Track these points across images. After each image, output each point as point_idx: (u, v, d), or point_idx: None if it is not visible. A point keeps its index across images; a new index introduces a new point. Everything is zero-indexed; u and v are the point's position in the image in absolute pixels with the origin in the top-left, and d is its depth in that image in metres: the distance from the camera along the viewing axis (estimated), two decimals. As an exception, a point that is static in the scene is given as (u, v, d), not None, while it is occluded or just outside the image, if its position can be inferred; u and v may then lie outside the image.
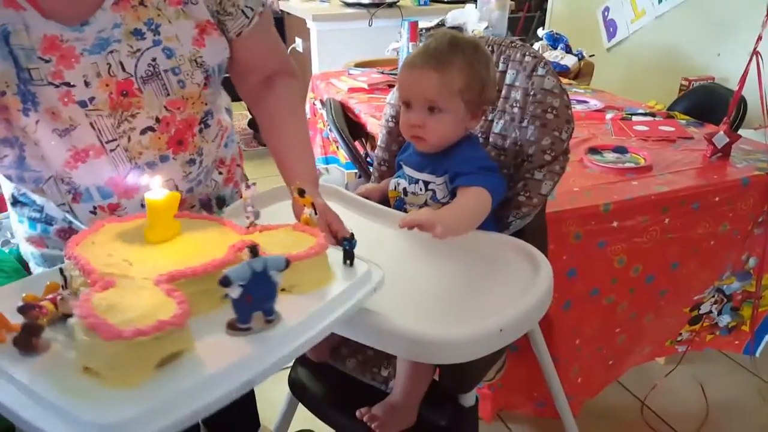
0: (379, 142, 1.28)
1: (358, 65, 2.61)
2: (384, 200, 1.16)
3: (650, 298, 1.52)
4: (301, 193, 0.83)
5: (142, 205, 0.85)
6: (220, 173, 1.10)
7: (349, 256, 0.76)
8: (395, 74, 2.43)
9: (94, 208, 0.92)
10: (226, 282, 0.58)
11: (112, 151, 0.88)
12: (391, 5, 3.17)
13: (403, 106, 1.04)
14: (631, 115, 2.01)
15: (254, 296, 0.61)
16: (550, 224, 1.24)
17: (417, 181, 1.07)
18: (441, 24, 2.72)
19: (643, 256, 1.42)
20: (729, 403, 1.79)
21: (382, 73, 2.43)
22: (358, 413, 1.01)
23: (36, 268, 1.04)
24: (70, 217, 0.96)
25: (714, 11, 3.09)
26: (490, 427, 1.65)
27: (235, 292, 0.59)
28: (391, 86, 2.17)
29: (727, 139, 1.59)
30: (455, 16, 2.77)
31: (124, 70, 0.85)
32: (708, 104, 2.22)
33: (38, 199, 0.98)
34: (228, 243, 0.71)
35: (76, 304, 0.54)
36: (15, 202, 1.02)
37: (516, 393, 1.56)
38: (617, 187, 1.45)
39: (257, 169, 2.95)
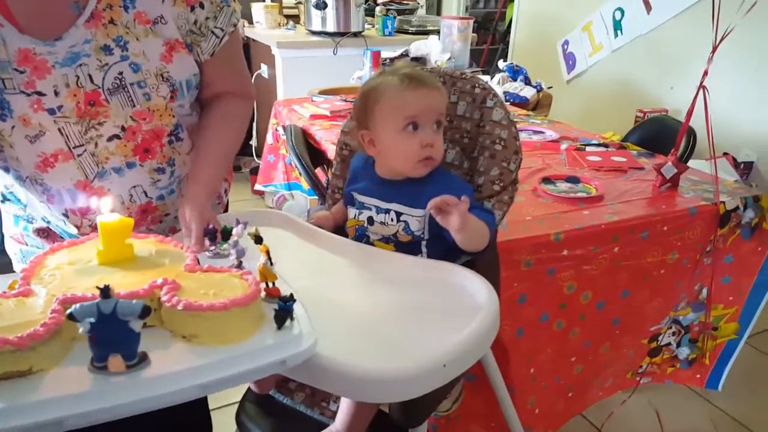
0: (333, 170, 1.28)
1: (322, 92, 2.63)
2: (337, 228, 1.15)
3: (603, 326, 1.53)
4: (259, 240, 0.80)
5: (112, 210, 0.94)
6: None
7: (280, 319, 0.69)
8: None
9: (66, 210, 0.99)
10: (71, 317, 0.60)
11: (79, 156, 0.94)
12: (356, 35, 3.21)
13: (406, 130, 0.99)
14: (585, 145, 2.06)
15: (100, 337, 0.60)
16: (502, 252, 1.26)
17: (387, 212, 1.04)
18: (405, 54, 2.77)
19: (592, 283, 1.44)
20: (684, 431, 1.81)
21: (345, 100, 2.45)
22: None
23: (18, 265, 1.11)
24: (48, 216, 1.03)
25: (667, 46, 3.22)
26: (447, 458, 1.62)
27: (82, 328, 0.60)
28: (348, 116, 2.19)
29: (675, 170, 1.64)
30: (418, 46, 2.83)
31: (92, 81, 0.92)
32: (660, 135, 2.30)
33: (23, 198, 1.05)
34: (167, 275, 0.72)
35: None
36: (3, 199, 1.10)
37: (473, 423, 1.55)
38: (569, 216, 1.47)
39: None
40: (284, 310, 0.69)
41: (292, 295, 0.70)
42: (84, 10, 0.90)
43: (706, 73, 1.59)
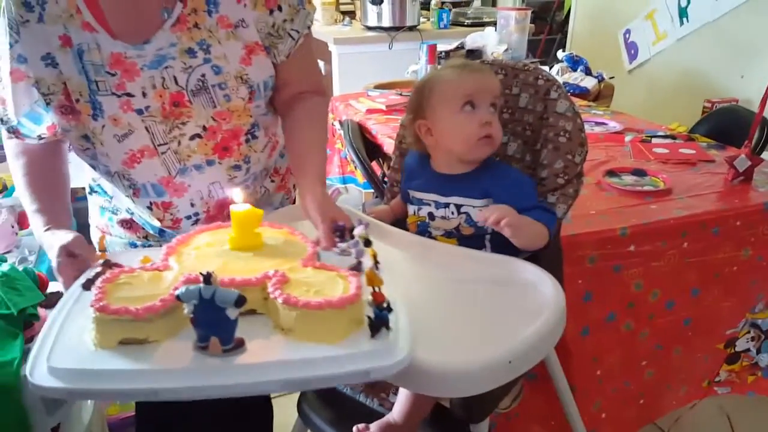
0: (392, 163, 1.28)
1: (378, 87, 2.63)
2: (395, 221, 1.15)
3: (673, 327, 1.47)
4: (368, 243, 0.79)
5: (192, 204, 1.05)
6: (272, 181, 1.19)
7: (374, 327, 0.68)
8: (413, 96, 2.44)
9: (151, 203, 1.05)
10: (178, 298, 0.65)
11: (163, 153, 0.99)
12: (411, 29, 3.20)
13: (464, 109, 1.01)
14: (651, 137, 1.98)
15: (200, 319, 0.65)
16: (566, 247, 1.22)
17: (447, 206, 1.05)
18: (460, 47, 2.74)
19: (661, 280, 1.39)
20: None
21: (401, 94, 2.45)
22: (354, 429, 0.98)
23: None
24: (132, 209, 1.09)
25: (737, 33, 3.05)
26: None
27: (186, 309, 0.65)
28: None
29: (749, 163, 1.56)
30: (474, 39, 2.79)
31: (176, 83, 0.96)
32: (731, 126, 2.19)
33: (109, 190, 1.11)
34: (284, 266, 0.77)
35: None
36: (91, 191, 1.17)
37: (533, 422, 1.52)
38: (635, 211, 1.42)
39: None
40: (379, 319, 0.68)
41: (389, 304, 0.69)
42: (171, 14, 0.94)
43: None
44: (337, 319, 0.68)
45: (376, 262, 0.76)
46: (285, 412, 1.36)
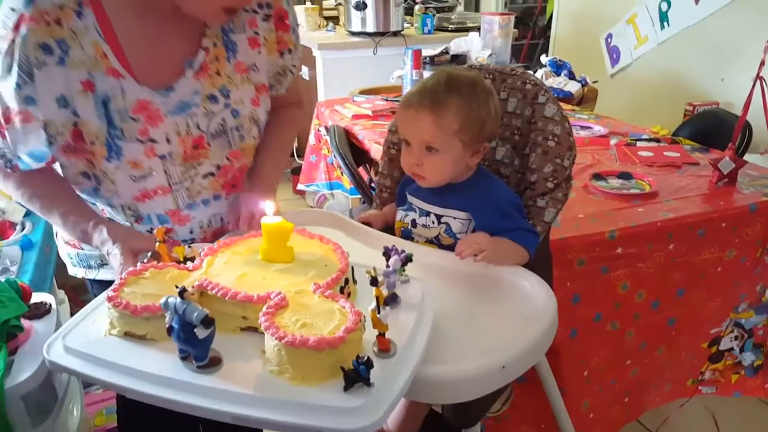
0: (380, 169, 1.28)
1: (363, 92, 2.63)
2: (386, 228, 1.15)
3: (658, 326, 1.48)
4: (374, 282, 0.72)
5: (191, 231, 1.06)
6: None
7: (349, 381, 0.62)
8: (399, 101, 2.44)
9: (151, 229, 1.03)
10: (163, 305, 0.66)
11: (176, 191, 1.01)
12: (395, 34, 3.20)
13: (403, 143, 1.05)
14: (636, 140, 2.00)
15: (176, 332, 0.66)
16: (555, 251, 1.23)
17: (428, 214, 1.06)
18: (445, 52, 2.75)
19: (646, 281, 1.40)
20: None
21: (386, 100, 2.45)
22: None
23: (72, 268, 1.15)
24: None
25: (716, 37, 3.10)
26: (496, 460, 1.60)
27: (167, 318, 0.66)
28: (394, 113, 2.19)
29: (733, 165, 1.58)
30: (459, 44, 2.80)
31: (198, 128, 0.99)
32: (713, 129, 2.22)
33: (103, 212, 1.06)
34: (301, 286, 0.76)
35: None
36: None
37: (523, 425, 1.52)
38: (622, 214, 1.43)
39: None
40: (357, 373, 0.62)
41: (369, 359, 0.62)
42: (194, 62, 0.96)
43: (763, 62, 1.52)
44: (313, 359, 0.64)
45: (384, 304, 0.69)
46: None
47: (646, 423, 1.76)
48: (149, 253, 0.85)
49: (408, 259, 0.80)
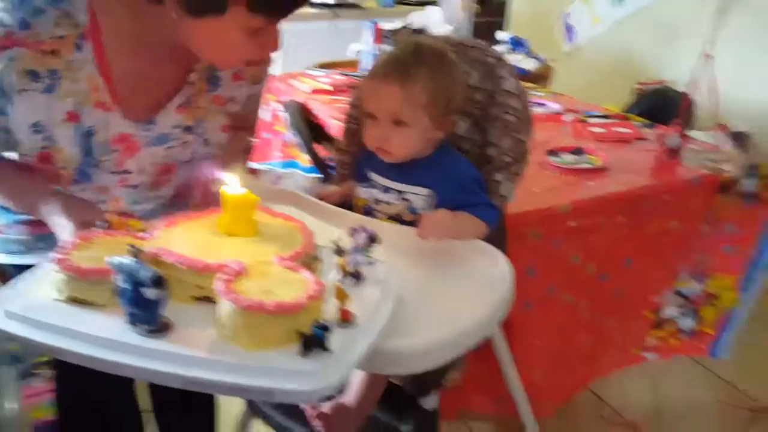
0: (340, 145, 1.27)
1: (321, 66, 2.59)
2: (344, 204, 1.14)
3: (607, 298, 1.55)
4: (339, 252, 0.74)
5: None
6: None
7: (307, 346, 0.62)
8: (358, 76, 2.42)
9: None
10: (110, 265, 0.64)
11: (129, 205, 1.00)
12: (355, 6, 3.16)
13: (367, 117, 1.02)
14: (588, 117, 2.05)
15: (125, 294, 0.63)
16: (510, 225, 1.26)
17: (390, 191, 1.05)
18: (405, 26, 2.73)
19: (597, 254, 1.46)
20: (678, 392, 1.86)
21: (346, 75, 2.42)
22: (306, 406, 0.97)
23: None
24: None
25: (665, 18, 3.19)
26: (451, 428, 1.65)
27: (115, 280, 0.64)
28: (354, 87, 2.17)
29: (679, 140, 1.65)
30: (419, 18, 2.79)
31: (171, 158, 1.00)
32: (661, 107, 2.30)
33: None
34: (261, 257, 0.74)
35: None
36: None
37: (476, 392, 1.57)
38: (575, 188, 1.48)
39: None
40: (314, 337, 0.62)
41: (327, 324, 0.62)
42: (178, 96, 0.96)
43: (709, 42, 1.58)
44: (270, 325, 0.63)
45: (348, 273, 0.70)
46: (232, 400, 1.33)
47: (591, 386, 1.84)
48: (102, 223, 0.82)
49: (373, 239, 0.80)
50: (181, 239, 0.78)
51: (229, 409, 1.37)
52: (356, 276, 0.77)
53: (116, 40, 0.87)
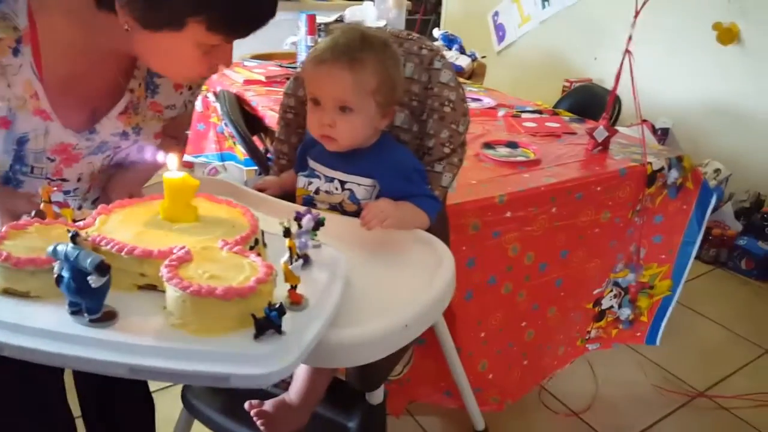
0: (277, 134, 1.24)
1: (255, 57, 2.53)
2: (284, 195, 1.11)
3: (547, 287, 1.59)
4: (287, 233, 0.72)
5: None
6: None
7: (260, 329, 0.61)
8: (294, 67, 2.38)
9: None
10: (51, 253, 0.62)
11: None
12: (287, -1, 3.11)
13: (311, 103, 0.99)
14: (521, 112, 2.11)
15: (66, 282, 0.61)
16: (451, 216, 1.27)
17: (332, 180, 1.03)
18: (339, 20, 2.71)
19: (534, 244, 1.49)
20: (615, 379, 1.93)
21: (281, 66, 2.38)
22: (247, 404, 0.94)
23: None
24: None
25: (591, 17, 3.33)
26: (398, 422, 1.65)
27: (56, 268, 0.62)
28: (289, 78, 2.12)
29: (607, 134, 1.71)
30: (354, 12, 2.78)
31: (107, 164, 1.00)
32: (587, 102, 2.40)
33: None
34: (206, 243, 0.72)
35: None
36: None
37: (424, 384, 1.58)
38: (510, 180, 1.51)
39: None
40: (267, 320, 0.61)
41: (281, 305, 0.61)
42: (119, 104, 0.95)
43: (630, 38, 1.66)
44: (220, 310, 0.61)
45: (298, 256, 0.69)
46: (170, 405, 1.29)
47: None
48: (32, 213, 0.78)
49: (320, 223, 0.79)
50: (121, 226, 0.75)
51: (167, 414, 1.32)
52: (304, 259, 0.76)
53: (53, 46, 0.84)
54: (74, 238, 0.61)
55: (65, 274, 0.60)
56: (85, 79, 0.89)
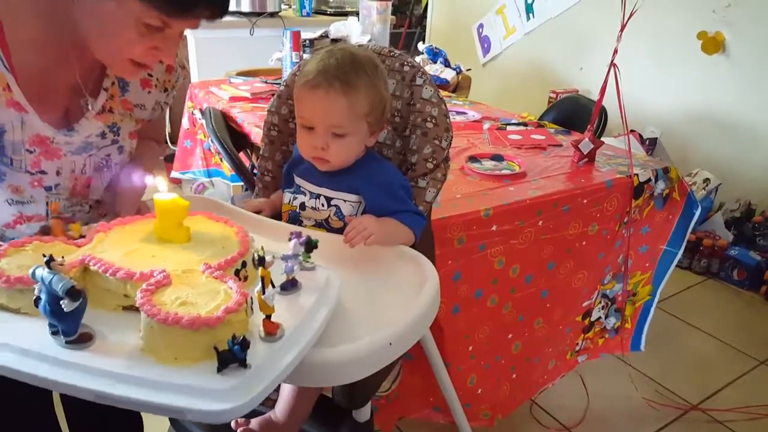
0: (261, 152, 1.23)
1: (240, 74, 2.53)
2: (276, 214, 1.11)
3: (533, 299, 1.58)
4: (261, 261, 0.69)
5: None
6: None
7: (222, 362, 0.59)
8: (279, 83, 2.38)
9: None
10: (31, 275, 0.63)
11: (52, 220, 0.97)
12: (272, 15, 3.12)
13: (303, 128, 0.99)
14: (506, 125, 2.12)
15: (43, 304, 0.62)
16: (436, 230, 1.27)
17: (318, 197, 1.03)
18: (324, 35, 2.72)
19: (520, 257, 1.49)
20: (607, 393, 1.93)
21: (266, 82, 2.38)
22: (233, 423, 0.94)
23: None
24: None
25: (577, 28, 3.36)
26: (389, 439, 1.64)
27: (36, 290, 0.63)
28: (274, 95, 2.12)
29: (592, 146, 1.72)
30: (338, 28, 2.78)
31: (90, 166, 0.98)
32: (573, 114, 2.40)
33: None
34: (189, 266, 0.72)
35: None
36: None
37: (412, 401, 1.56)
38: (496, 193, 1.51)
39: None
40: (230, 352, 0.59)
41: (244, 339, 0.60)
42: (96, 103, 0.95)
43: (616, 51, 1.67)
44: (187, 339, 0.61)
45: (272, 284, 0.67)
46: (156, 421, 1.28)
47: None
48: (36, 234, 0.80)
49: (311, 245, 0.79)
50: (115, 245, 0.77)
51: (154, 429, 1.32)
52: (292, 284, 0.76)
53: (20, 38, 0.84)
54: (48, 262, 0.61)
55: (42, 296, 0.62)
56: (55, 72, 0.89)
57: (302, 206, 1.05)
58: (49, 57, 0.87)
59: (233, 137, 2.00)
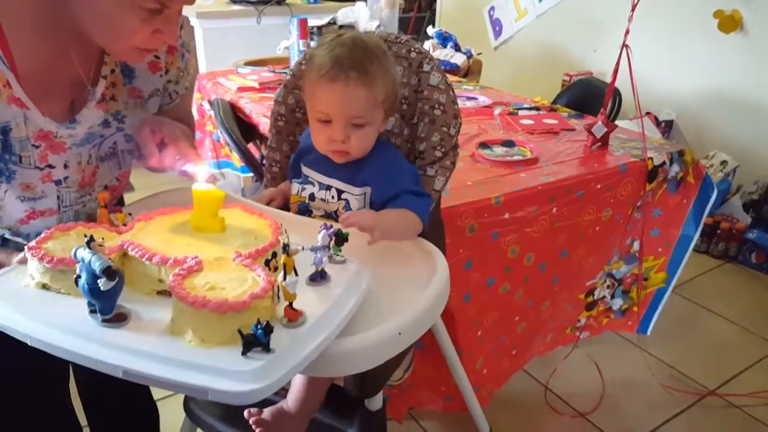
0: (269, 143, 1.22)
1: (248, 63, 2.52)
2: (287, 204, 1.10)
3: (544, 285, 1.57)
4: (285, 249, 0.71)
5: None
6: None
7: (247, 346, 0.61)
8: (286, 72, 2.36)
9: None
10: (73, 255, 0.67)
11: (64, 212, 0.98)
12: (279, 3, 3.09)
13: (319, 122, 0.97)
14: (518, 109, 2.08)
15: (82, 283, 0.66)
16: (446, 218, 1.25)
17: (329, 188, 1.02)
18: (332, 22, 2.69)
19: (534, 245, 1.47)
20: (622, 379, 1.90)
21: (274, 71, 2.36)
22: (246, 413, 0.94)
23: None
24: None
25: (590, 9, 3.29)
26: (402, 427, 1.64)
27: (77, 269, 0.66)
28: (280, 84, 2.11)
29: (605, 129, 1.69)
30: (346, 14, 2.75)
31: (96, 156, 0.98)
32: (587, 97, 2.36)
33: None
34: (221, 254, 0.75)
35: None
36: None
37: (425, 390, 1.56)
38: (507, 180, 1.49)
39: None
40: (254, 336, 0.61)
41: (268, 323, 0.61)
42: (95, 92, 0.93)
43: (627, 32, 1.63)
44: (214, 322, 0.63)
45: (294, 272, 0.68)
46: (172, 412, 1.30)
47: (536, 376, 1.88)
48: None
49: (342, 238, 0.80)
50: (153, 233, 0.80)
51: (170, 422, 1.34)
52: (321, 275, 0.77)
53: (18, 34, 0.83)
54: (89, 242, 0.65)
55: (82, 275, 0.65)
56: (56, 66, 0.89)
57: (311, 197, 1.04)
58: (49, 51, 0.87)
59: (242, 128, 1.99)
